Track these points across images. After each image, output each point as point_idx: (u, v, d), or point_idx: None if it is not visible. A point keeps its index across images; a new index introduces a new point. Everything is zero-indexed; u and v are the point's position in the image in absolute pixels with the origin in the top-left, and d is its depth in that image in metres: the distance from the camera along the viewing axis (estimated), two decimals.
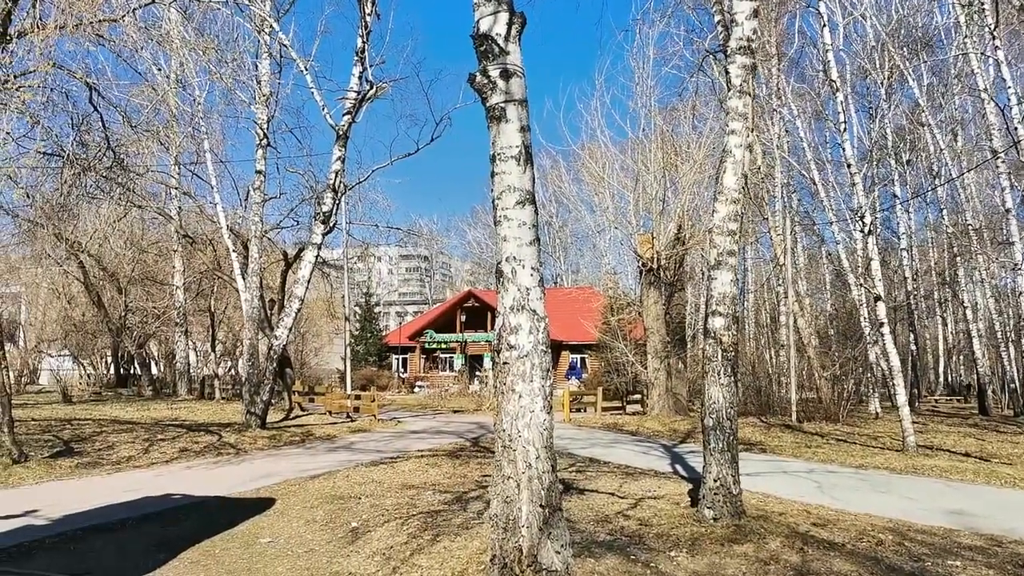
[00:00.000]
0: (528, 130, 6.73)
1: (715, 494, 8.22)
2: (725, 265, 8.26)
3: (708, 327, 8.34)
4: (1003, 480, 12.48)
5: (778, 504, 9.85)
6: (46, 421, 19.00)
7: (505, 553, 6.37)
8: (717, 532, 7.97)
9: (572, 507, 9.70)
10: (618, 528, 8.47)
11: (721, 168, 8.30)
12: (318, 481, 12.07)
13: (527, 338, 6.49)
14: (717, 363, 8.21)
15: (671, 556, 7.36)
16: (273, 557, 7.80)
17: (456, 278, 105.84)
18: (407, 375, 53.08)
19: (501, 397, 6.60)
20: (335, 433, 19.55)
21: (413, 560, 7.32)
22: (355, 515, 9.44)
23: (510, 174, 6.62)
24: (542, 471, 6.44)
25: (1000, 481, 12.40)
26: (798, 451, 16.21)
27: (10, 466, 12.39)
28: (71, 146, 13.83)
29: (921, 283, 43.37)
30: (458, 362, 50.47)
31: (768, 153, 29.76)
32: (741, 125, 8.18)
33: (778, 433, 19.49)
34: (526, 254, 6.58)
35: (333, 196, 18.68)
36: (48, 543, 8.30)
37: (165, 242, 33.51)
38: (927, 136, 31.00)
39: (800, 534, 7.93)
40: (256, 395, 19.09)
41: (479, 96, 6.79)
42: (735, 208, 8.23)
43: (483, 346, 50.85)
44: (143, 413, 22.82)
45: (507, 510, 6.43)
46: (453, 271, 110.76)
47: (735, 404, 8.29)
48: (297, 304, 18.89)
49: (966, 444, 17.74)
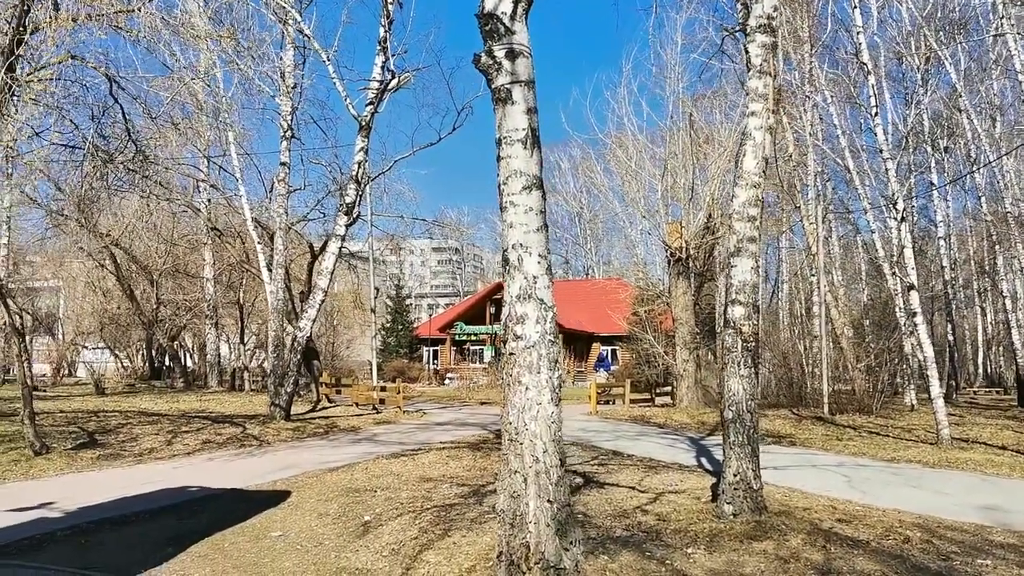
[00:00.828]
0: (535, 112, 6.50)
1: (735, 489, 7.95)
2: (745, 252, 7.96)
3: (727, 317, 8.05)
4: None
5: (803, 499, 9.54)
6: (74, 413, 19.14)
7: (512, 550, 6.17)
8: (736, 528, 7.71)
9: (590, 501, 9.49)
10: (635, 523, 8.23)
11: (740, 151, 8.00)
12: (336, 474, 11.97)
13: (534, 328, 6.28)
14: (736, 354, 7.93)
15: (688, 553, 7.12)
16: (281, 551, 7.67)
17: (488, 270, 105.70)
18: (438, 367, 53.10)
19: (508, 389, 6.40)
20: (360, 425, 19.49)
21: (422, 556, 7.15)
22: (369, 508, 9.30)
23: (516, 158, 6.39)
24: (550, 465, 6.23)
25: None
26: (828, 444, 15.83)
27: (32, 458, 12.44)
28: (91, 138, 13.81)
29: (960, 272, 42.45)
30: (488, 354, 50.34)
31: (800, 140, 29.20)
32: (762, 106, 7.88)
33: (809, 425, 19.10)
34: (533, 241, 6.36)
35: (356, 187, 18.56)
36: (59, 536, 8.25)
37: (195, 235, 33.73)
38: (964, 121, 30.16)
39: (823, 531, 7.63)
40: (280, 387, 19.08)
41: (485, 77, 6.57)
42: (755, 193, 7.93)
43: None
44: (172, 405, 22.93)
45: (514, 505, 6.23)
46: (485, 263, 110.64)
47: (755, 396, 8.01)
48: (321, 296, 18.83)
49: (1003, 437, 17.21)
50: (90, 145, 13.70)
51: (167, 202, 28.47)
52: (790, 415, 21.81)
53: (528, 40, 6.53)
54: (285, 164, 20.68)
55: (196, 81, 17.44)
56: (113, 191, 21.14)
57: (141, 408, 21.51)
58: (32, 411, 12.71)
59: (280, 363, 19.70)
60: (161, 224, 34.85)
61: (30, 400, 12.59)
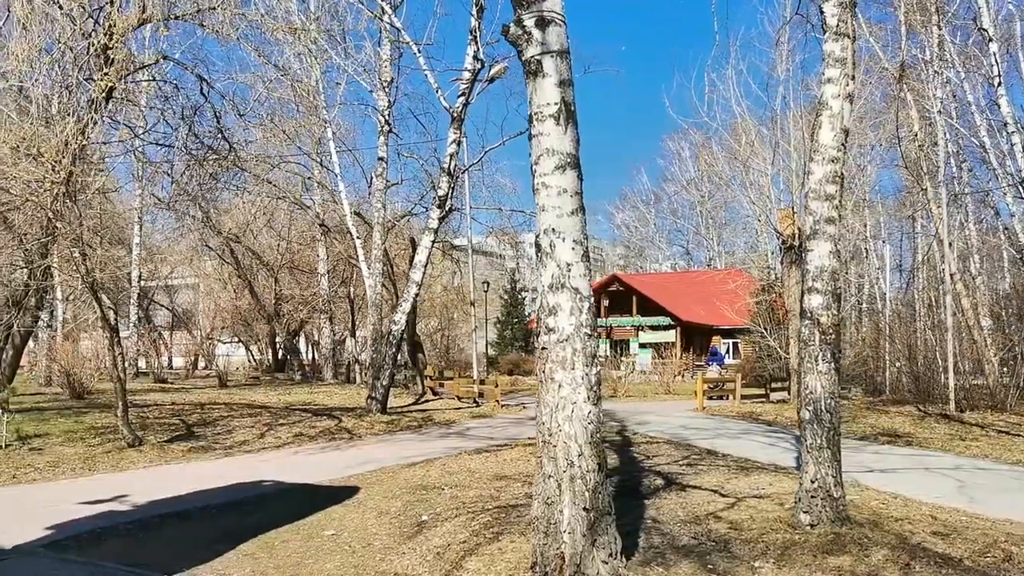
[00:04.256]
0: (569, 85, 5.98)
1: (812, 497, 7.18)
2: (823, 235, 7.16)
3: (804, 306, 7.28)
4: None
5: (902, 507, 8.61)
6: (184, 405, 19.76)
7: (546, 560, 5.71)
8: (812, 540, 6.95)
9: (664, 505, 8.87)
10: (705, 531, 7.58)
11: (816, 123, 7.20)
12: (413, 469, 11.75)
13: (567, 320, 5.77)
14: (814, 347, 7.15)
15: (754, 567, 6.45)
16: (328, 551, 7.44)
17: (606, 262, 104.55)
18: None
19: (540, 387, 5.92)
20: (455, 418, 19.35)
21: (464, 561, 6.75)
22: (430, 507, 8.99)
23: (548, 135, 5.90)
24: (586, 470, 5.72)
25: None
26: (949, 444, 14.51)
27: (124, 449, 12.81)
28: (182, 137, 14.10)
29: None
30: (603, 347, 49.63)
31: (929, 119, 27.20)
32: (839, 72, 7.05)
33: (932, 423, 17.64)
34: (567, 225, 5.85)
35: (448, 180, 18.39)
36: (121, 529, 8.30)
37: (310, 231, 34.57)
38: None
39: (911, 546, 6.77)
40: (377, 380, 19.14)
41: (515, 49, 6.10)
42: (834, 168, 7.11)
43: (628, 331, 49.88)
44: (281, 397, 23.45)
45: (548, 512, 5.77)
46: (603, 255, 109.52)
47: (836, 394, 7.20)
48: (415, 289, 18.76)
49: None
50: (181, 144, 13.96)
51: (279, 199, 29.20)
52: (914, 412, 20.28)
53: (561, 7, 6.01)
54: (382, 159, 20.74)
55: (286, 78, 17.64)
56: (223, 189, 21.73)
57: (250, 400, 22.06)
58: (126, 404, 13.08)
59: (377, 356, 19.79)
60: (279, 222, 35.91)
61: (123, 394, 12.95)
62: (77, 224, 12.49)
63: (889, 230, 46.99)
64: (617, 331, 50.23)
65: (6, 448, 12.60)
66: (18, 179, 12.01)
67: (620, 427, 17.54)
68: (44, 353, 25.94)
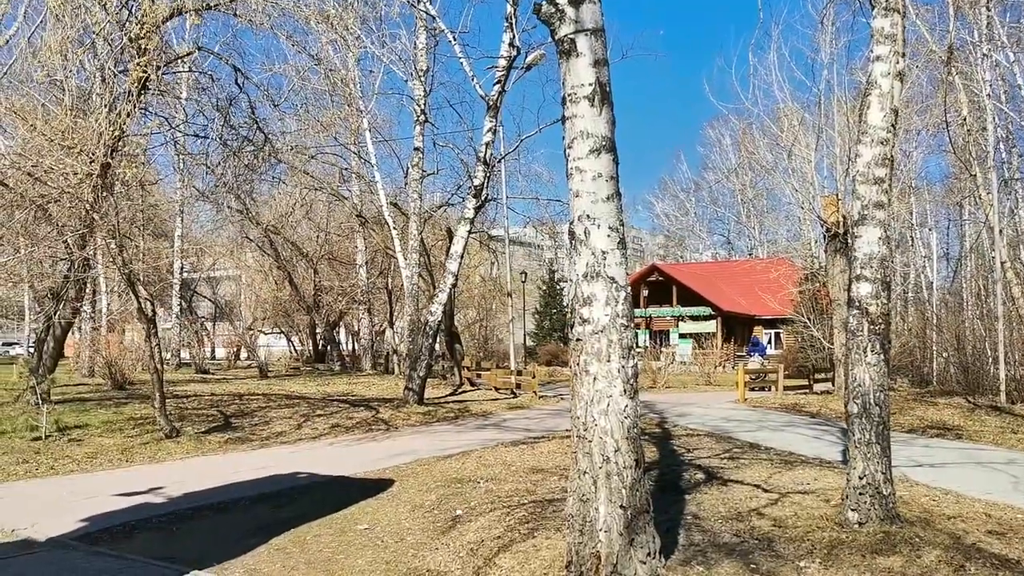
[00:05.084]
0: (604, 65, 5.73)
1: (860, 494, 6.88)
2: (871, 220, 6.83)
3: (852, 295, 6.96)
4: None
5: (954, 504, 8.25)
6: (223, 396, 19.82)
7: (581, 560, 5.50)
8: (860, 540, 6.65)
9: (705, 501, 8.59)
10: (748, 528, 7.30)
11: (864, 103, 6.87)
12: (448, 461, 11.60)
13: (603, 310, 5.54)
14: (863, 338, 6.84)
15: (799, 567, 6.18)
16: (361, 546, 7.32)
17: (646, 252, 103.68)
18: None
19: (575, 379, 5.70)
20: (492, 410, 19.19)
21: (497, 558, 6.58)
22: (465, 501, 8.83)
23: (582, 117, 5.66)
24: (623, 466, 5.49)
25: None
26: (1001, 438, 14.02)
27: (162, 441, 12.84)
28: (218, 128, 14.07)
29: None
30: (643, 338, 49.16)
31: (978, 104, 26.38)
32: (888, 49, 6.71)
33: (983, 416, 17.09)
34: (602, 212, 5.61)
35: (484, 169, 18.20)
36: (155, 522, 8.28)
37: (348, 222, 34.60)
38: None
39: (966, 546, 6.45)
40: (414, 370, 19.05)
41: (548, 28, 5.87)
42: (883, 151, 6.78)
43: (668, 321, 49.34)
44: (320, 388, 23.46)
45: (583, 510, 5.56)
46: (643, 245, 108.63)
47: (885, 387, 6.88)
48: (451, 280, 18.64)
49: None
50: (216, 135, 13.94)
51: (316, 191, 29.24)
52: (964, 404, 19.68)
53: None
54: (418, 149, 20.62)
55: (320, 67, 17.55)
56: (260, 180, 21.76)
57: (290, 391, 22.11)
58: (163, 395, 13.12)
59: (414, 347, 19.70)
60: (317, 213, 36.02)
61: (160, 385, 12.99)
62: (114, 215, 12.50)
63: (936, 218, 45.87)
64: (657, 321, 49.75)
65: (46, 439, 12.70)
66: (55, 171, 12.04)
67: (660, 419, 17.25)
68: (87, 344, 26.23)
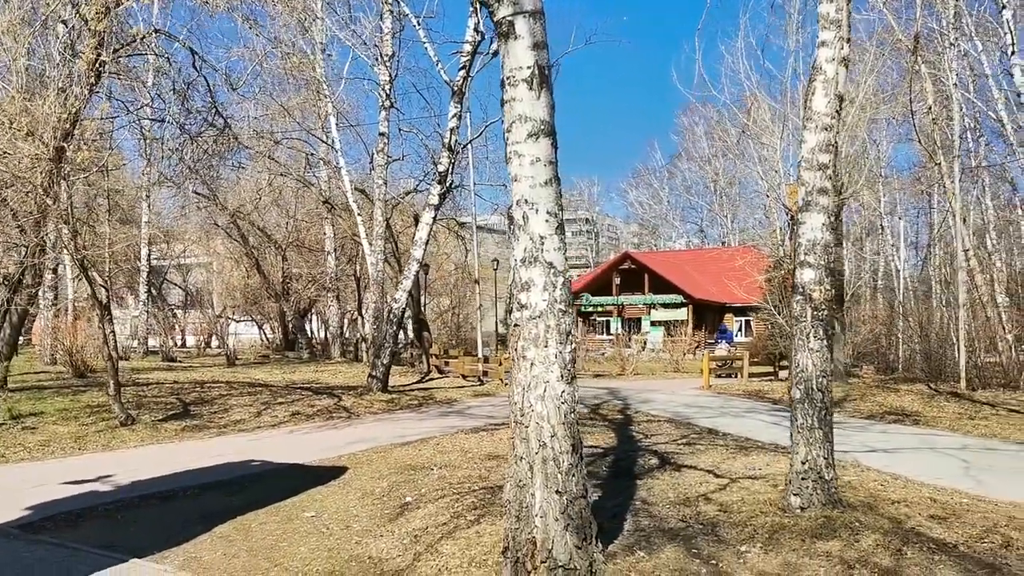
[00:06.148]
0: (543, 48, 5.67)
1: (803, 479, 6.92)
2: (815, 206, 6.86)
3: (796, 281, 6.99)
4: None
5: (902, 489, 8.32)
6: (183, 384, 19.60)
7: (518, 545, 5.49)
8: (802, 524, 6.68)
9: (657, 486, 8.62)
10: (695, 514, 7.33)
11: (810, 88, 6.87)
12: (405, 448, 11.56)
13: (541, 296, 5.51)
14: (806, 324, 6.87)
15: (740, 551, 6.21)
16: (305, 534, 7.27)
17: (621, 240, 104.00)
18: None
19: (513, 365, 5.67)
20: (457, 397, 19.15)
21: (439, 545, 6.56)
22: (416, 488, 8.79)
23: (521, 101, 5.61)
24: (559, 451, 5.48)
25: None
26: (958, 424, 14.20)
27: (117, 428, 12.68)
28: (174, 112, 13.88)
29: None
30: (615, 325, 49.30)
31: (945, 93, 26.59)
32: (833, 35, 6.71)
33: (942, 402, 17.29)
34: (540, 196, 5.57)
35: (449, 155, 18.10)
36: (100, 510, 8.16)
37: (317, 209, 34.31)
38: None
39: (905, 530, 6.50)
40: (377, 358, 18.95)
41: (487, 11, 5.81)
42: (827, 137, 6.79)
43: (640, 309, 49.43)
44: (286, 376, 23.28)
45: (520, 496, 5.54)
46: (619, 233, 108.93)
47: (828, 372, 6.92)
48: (415, 266, 18.54)
49: None
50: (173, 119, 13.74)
51: (283, 176, 28.96)
52: (925, 390, 19.92)
53: None
54: (384, 134, 20.46)
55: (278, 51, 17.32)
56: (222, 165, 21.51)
57: (254, 379, 21.92)
58: (118, 383, 12.95)
59: (378, 335, 19.60)
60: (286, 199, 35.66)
61: (115, 372, 12.83)
62: (66, 200, 12.29)
63: (905, 206, 46.30)
64: (629, 309, 49.87)
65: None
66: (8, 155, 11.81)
67: (623, 405, 17.31)
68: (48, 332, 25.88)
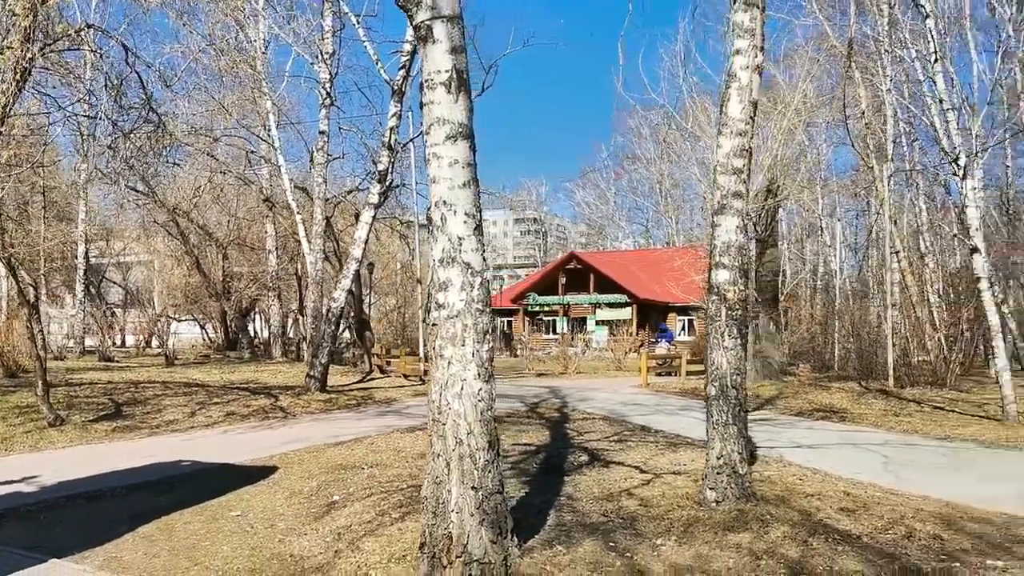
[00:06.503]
0: (462, 52, 5.78)
1: (718, 474, 7.15)
2: (730, 209, 7.07)
3: (711, 282, 7.20)
4: None
5: (819, 483, 8.61)
6: (117, 384, 19.23)
7: (434, 540, 5.59)
8: (716, 517, 6.91)
9: (584, 482, 8.79)
10: (616, 508, 7.51)
11: (725, 95, 7.08)
12: (338, 448, 11.57)
13: (458, 296, 5.62)
14: (721, 323, 7.09)
15: (656, 544, 6.39)
16: (229, 533, 7.27)
17: (570, 240, 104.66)
18: (512, 338, 52.64)
19: (431, 364, 5.77)
20: (396, 397, 19.16)
21: (361, 542, 6.63)
22: (345, 487, 8.83)
23: (439, 104, 5.71)
24: (476, 448, 5.59)
25: None
26: (882, 420, 14.67)
27: (45, 429, 12.46)
28: (105, 108, 13.67)
29: None
30: (560, 324, 49.63)
31: (880, 97, 27.38)
32: (748, 43, 6.93)
33: (870, 399, 17.81)
34: (459, 198, 5.68)
35: (389, 154, 18.09)
36: (23, 511, 8.06)
37: (258, 207, 33.88)
38: None
39: (814, 522, 6.75)
40: (316, 358, 18.87)
41: (405, 14, 5.89)
42: (741, 142, 7.01)
43: (586, 308, 49.84)
44: (224, 376, 22.97)
45: (437, 492, 5.64)
46: (567, 233, 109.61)
47: (742, 370, 7.15)
48: (355, 265, 18.50)
49: None
50: (103, 115, 13.54)
51: (223, 174, 28.57)
52: (856, 388, 20.47)
53: None
54: (324, 132, 20.35)
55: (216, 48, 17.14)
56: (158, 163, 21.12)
57: (191, 379, 21.59)
58: (46, 383, 12.73)
59: (316, 334, 19.51)
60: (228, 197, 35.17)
61: (43, 372, 12.60)
62: None
63: (845, 208, 47.39)
64: (575, 308, 50.25)
65: None
66: None
67: (561, 404, 17.51)
68: None
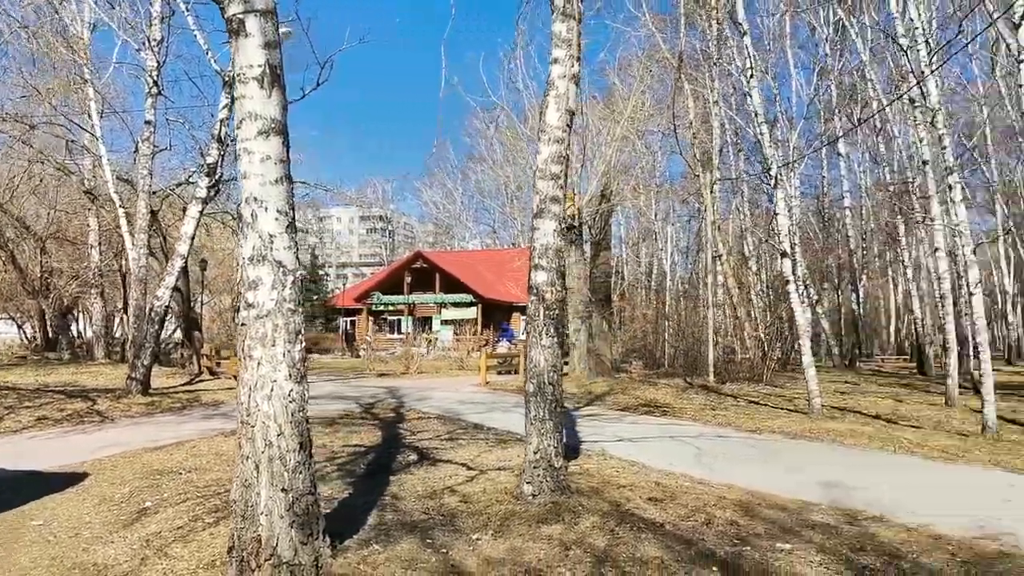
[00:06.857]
0: (276, 47, 5.70)
1: (535, 468, 7.37)
2: (548, 213, 7.31)
3: (530, 283, 7.41)
4: (899, 445, 11.84)
5: (634, 475, 9.03)
6: None
7: (243, 544, 5.48)
8: (532, 510, 7.12)
9: (409, 481, 8.83)
10: (438, 506, 7.59)
11: (544, 103, 7.31)
12: (157, 453, 11.08)
13: (269, 295, 5.53)
14: (539, 322, 7.31)
15: (473, 539, 6.51)
16: (29, 543, 6.84)
17: (418, 239, 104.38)
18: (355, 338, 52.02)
19: (239, 365, 5.65)
20: (225, 399, 18.49)
21: (170, 548, 6.40)
22: (159, 493, 8.48)
23: (251, 99, 5.61)
24: (286, 450, 5.52)
25: (895, 446, 11.76)
26: (700, 414, 15.49)
27: None
28: None
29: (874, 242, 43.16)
30: (405, 324, 49.46)
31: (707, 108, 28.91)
32: (565, 53, 7.18)
33: (692, 395, 18.80)
34: (271, 194, 5.59)
35: (219, 147, 17.47)
36: None
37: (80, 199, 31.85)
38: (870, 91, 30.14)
39: (622, 512, 7.09)
40: (138, 358, 17.95)
41: (218, 7, 5.75)
42: (559, 149, 7.25)
43: (432, 308, 49.89)
44: (40, 378, 21.54)
45: (246, 495, 5.53)
46: (414, 232, 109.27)
47: (559, 368, 7.42)
48: (180, 262, 17.71)
49: (881, 406, 17.17)
50: None
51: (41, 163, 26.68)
52: (681, 384, 21.56)
53: None
54: (150, 123, 19.41)
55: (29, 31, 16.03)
56: None
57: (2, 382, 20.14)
58: None
59: (138, 334, 18.58)
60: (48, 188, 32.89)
61: None
62: None
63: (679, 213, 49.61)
64: (421, 308, 50.19)
65: None
66: None
67: (398, 404, 17.45)
68: None
